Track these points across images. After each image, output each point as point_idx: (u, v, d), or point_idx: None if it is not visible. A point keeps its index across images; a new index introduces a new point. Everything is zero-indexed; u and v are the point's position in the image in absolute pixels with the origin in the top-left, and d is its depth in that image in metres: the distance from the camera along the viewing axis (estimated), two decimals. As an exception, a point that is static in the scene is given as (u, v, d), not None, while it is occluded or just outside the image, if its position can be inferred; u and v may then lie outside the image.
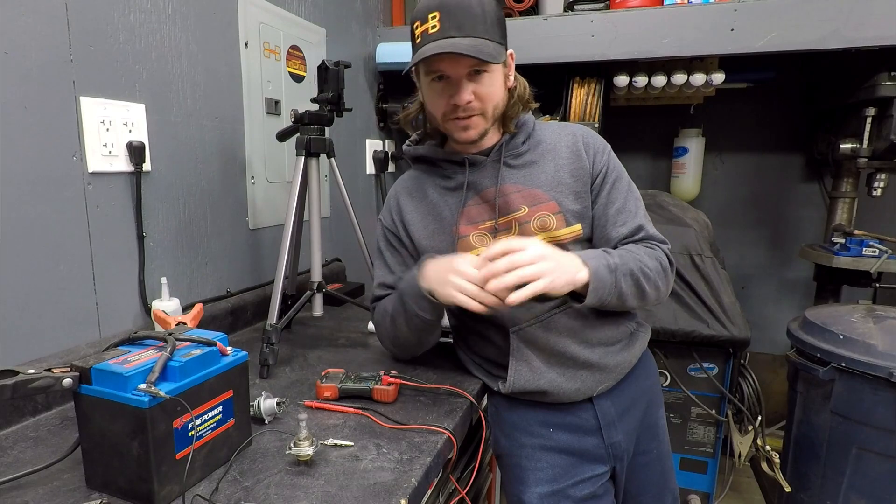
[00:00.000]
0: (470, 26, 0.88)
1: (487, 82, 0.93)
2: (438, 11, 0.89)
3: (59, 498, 0.69)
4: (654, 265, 0.96)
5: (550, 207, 0.98)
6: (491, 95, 0.95)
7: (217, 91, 1.30)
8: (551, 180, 1.00)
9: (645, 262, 0.95)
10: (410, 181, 1.10)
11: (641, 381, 1.10)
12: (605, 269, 0.90)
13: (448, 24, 0.88)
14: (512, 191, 0.99)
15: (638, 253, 0.96)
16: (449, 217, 1.02)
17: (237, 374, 0.78)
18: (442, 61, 0.91)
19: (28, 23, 0.88)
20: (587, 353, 1.00)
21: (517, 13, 2.12)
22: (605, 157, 1.03)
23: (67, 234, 0.97)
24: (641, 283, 0.93)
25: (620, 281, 0.90)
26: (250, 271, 1.47)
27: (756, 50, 1.74)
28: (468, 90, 0.92)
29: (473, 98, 0.93)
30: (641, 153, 2.70)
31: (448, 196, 1.03)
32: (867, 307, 1.77)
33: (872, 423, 1.45)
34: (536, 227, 0.98)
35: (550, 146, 1.02)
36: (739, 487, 2.33)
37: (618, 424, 1.05)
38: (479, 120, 0.96)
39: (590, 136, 1.04)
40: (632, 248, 0.97)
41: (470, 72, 0.91)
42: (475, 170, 1.01)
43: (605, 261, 0.91)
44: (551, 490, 1.02)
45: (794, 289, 2.58)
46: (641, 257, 0.95)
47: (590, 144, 1.03)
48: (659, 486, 1.14)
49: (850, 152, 1.99)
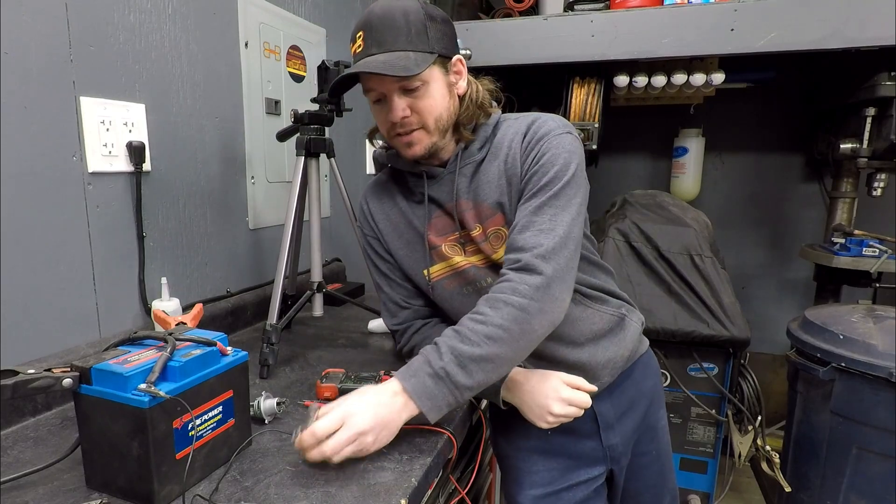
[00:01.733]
0: (391, 41, 0.85)
1: (423, 94, 0.88)
2: (363, 30, 0.87)
3: (59, 498, 0.69)
4: (506, 314, 0.80)
5: (497, 221, 0.93)
6: (429, 108, 0.88)
7: (217, 91, 1.30)
8: (495, 189, 0.92)
9: (492, 321, 0.79)
10: (379, 189, 1.06)
11: (642, 383, 1.09)
12: (431, 380, 0.78)
13: (370, 41, 0.86)
14: (465, 207, 0.94)
15: (485, 313, 0.81)
16: (419, 227, 0.99)
17: (237, 374, 0.78)
18: (369, 80, 0.88)
19: (28, 23, 0.88)
20: (576, 353, 0.98)
21: (517, 13, 2.12)
22: (540, 146, 0.89)
23: (67, 234, 0.97)
24: (489, 356, 0.79)
25: (457, 380, 0.78)
26: (250, 271, 1.47)
27: (756, 50, 1.74)
28: (400, 106, 0.87)
29: (409, 112, 0.88)
30: (641, 153, 2.70)
31: (415, 207, 1.00)
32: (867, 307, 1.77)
33: (872, 423, 1.45)
34: (493, 242, 0.94)
35: (503, 147, 0.93)
36: (739, 487, 2.33)
37: (616, 427, 1.04)
38: (421, 135, 0.90)
39: (542, 123, 0.91)
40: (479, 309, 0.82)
41: (400, 87, 0.87)
42: (434, 182, 0.97)
43: (429, 369, 0.79)
44: (545, 493, 1.02)
45: (794, 289, 2.58)
46: (489, 316, 0.80)
47: (535, 135, 0.90)
48: (657, 486, 1.14)
49: (850, 152, 1.99)
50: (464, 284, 0.98)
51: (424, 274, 0.99)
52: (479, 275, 0.96)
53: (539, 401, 0.91)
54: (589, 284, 0.99)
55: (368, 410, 0.77)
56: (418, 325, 1.06)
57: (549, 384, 0.92)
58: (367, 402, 0.78)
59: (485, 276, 0.96)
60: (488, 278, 0.95)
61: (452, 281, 0.98)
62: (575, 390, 0.91)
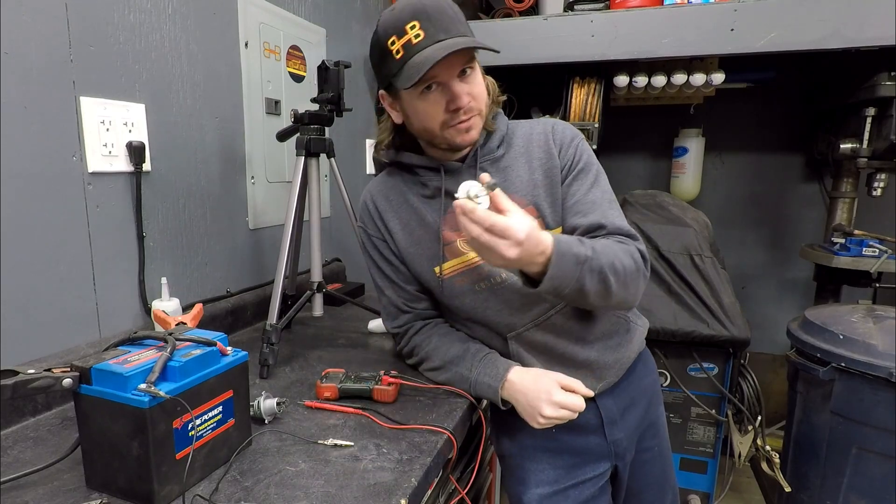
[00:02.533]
0: (454, 28, 0.86)
1: (476, 80, 0.92)
2: (418, 20, 0.85)
3: (59, 498, 0.69)
4: (629, 263, 0.88)
5: (529, 212, 0.92)
6: (482, 93, 0.93)
7: (217, 91, 1.30)
8: (527, 183, 0.96)
9: (620, 259, 0.87)
10: (386, 187, 1.05)
11: (642, 379, 1.10)
12: (572, 260, 0.81)
13: (433, 29, 0.85)
14: None
15: (614, 248, 0.88)
16: (433, 223, 0.99)
17: (237, 374, 0.78)
18: (438, 67, 0.87)
19: (28, 23, 0.88)
20: (586, 351, 0.99)
21: (517, 13, 2.12)
22: (572, 148, 0.98)
23: (67, 234, 0.97)
24: (609, 282, 0.84)
25: (585, 276, 0.82)
26: (250, 271, 1.47)
27: (756, 50, 1.74)
28: (464, 91, 0.89)
29: (469, 98, 0.90)
30: (641, 153, 2.70)
31: (428, 203, 1.00)
32: (867, 307, 1.77)
33: (872, 423, 1.45)
34: None
35: (523, 147, 0.99)
36: (739, 487, 2.33)
37: (619, 422, 1.05)
38: (478, 120, 0.93)
39: (559, 128, 1.00)
40: (606, 242, 0.90)
41: (460, 73, 0.89)
42: (451, 176, 0.97)
43: (576, 250, 0.82)
44: (552, 491, 1.02)
45: (794, 289, 2.58)
46: (618, 253, 0.87)
47: (559, 137, 0.99)
48: (660, 482, 1.15)
49: (850, 152, 1.99)
50: (477, 280, 0.98)
51: (436, 271, 0.99)
52: (494, 270, 0.96)
53: (531, 402, 0.92)
54: None
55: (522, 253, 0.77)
56: (419, 326, 1.06)
57: (543, 386, 0.92)
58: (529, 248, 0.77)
59: (499, 272, 0.96)
60: (503, 273, 0.96)
61: (466, 277, 0.99)
62: (568, 394, 0.91)
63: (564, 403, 0.90)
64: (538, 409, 0.91)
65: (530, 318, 0.97)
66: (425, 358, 1.04)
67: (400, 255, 1.04)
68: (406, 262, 1.03)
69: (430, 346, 1.03)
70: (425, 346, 1.04)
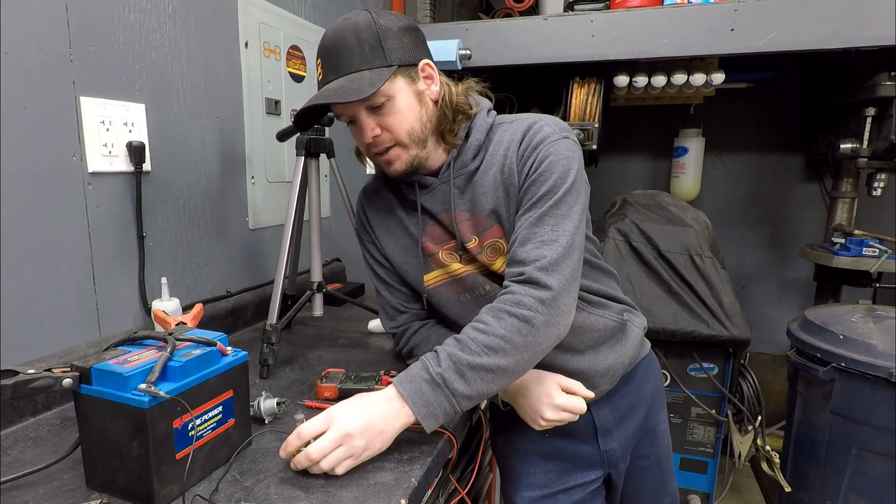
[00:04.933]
0: (346, 64, 0.83)
1: (390, 110, 0.85)
2: (321, 58, 0.86)
3: (59, 498, 0.69)
4: (509, 325, 0.77)
5: (495, 232, 0.91)
6: (398, 123, 0.86)
7: (217, 91, 1.30)
8: (492, 200, 0.90)
9: (495, 331, 0.77)
10: (375, 194, 1.05)
11: (643, 387, 1.08)
12: (427, 386, 0.76)
13: (327, 68, 0.85)
14: (461, 219, 0.92)
15: (487, 322, 0.79)
16: (416, 234, 0.98)
17: (237, 374, 0.78)
18: (336, 107, 0.88)
19: (28, 23, 0.88)
20: (576, 361, 0.96)
21: (517, 13, 2.12)
22: (537, 153, 0.86)
23: (67, 234, 0.97)
24: (490, 366, 0.76)
25: (455, 387, 0.75)
26: (250, 271, 1.47)
27: (756, 50, 1.74)
28: (369, 126, 0.86)
29: (380, 131, 0.87)
30: (641, 153, 2.70)
31: (411, 214, 0.99)
32: (867, 307, 1.78)
33: (872, 423, 1.45)
34: (489, 255, 0.92)
35: (498, 155, 0.90)
36: (739, 487, 2.33)
37: (614, 431, 1.04)
38: (398, 151, 0.88)
39: (536, 129, 0.88)
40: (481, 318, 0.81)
41: (366, 107, 0.85)
42: (426, 192, 0.95)
43: (426, 375, 0.77)
44: (541, 495, 1.02)
45: (794, 289, 2.58)
46: (491, 326, 0.78)
47: (531, 141, 0.87)
48: (657, 489, 1.14)
49: (850, 152, 1.99)
50: (462, 291, 0.97)
51: (422, 280, 0.99)
52: (477, 281, 0.95)
53: (532, 404, 0.91)
54: (590, 290, 0.97)
55: (359, 413, 0.75)
56: (416, 327, 1.06)
57: (544, 388, 0.91)
58: (359, 405, 0.76)
59: (483, 283, 0.94)
60: (486, 285, 0.94)
61: (450, 288, 0.98)
62: (570, 396, 0.91)
63: (566, 406, 0.89)
64: (539, 412, 0.90)
65: None
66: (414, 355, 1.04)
67: (390, 261, 1.04)
68: (395, 267, 1.03)
69: (428, 348, 1.03)
70: (424, 346, 1.04)
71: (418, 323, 1.06)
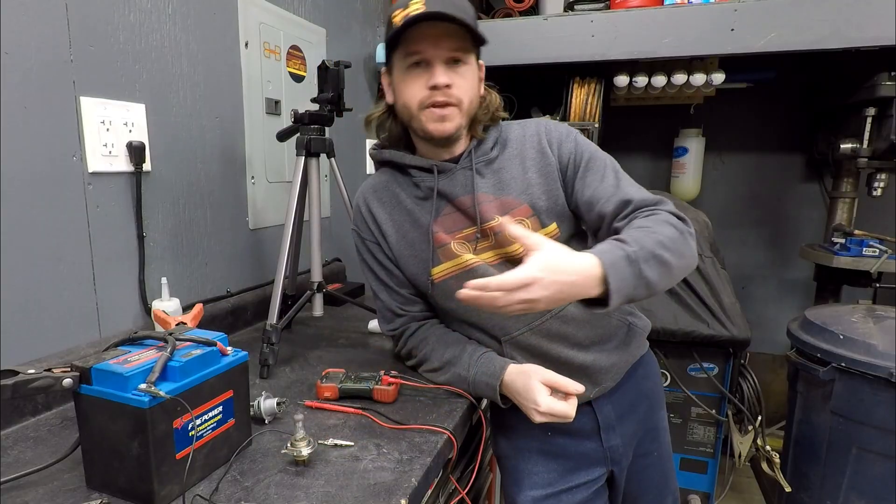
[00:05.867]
0: (459, 7, 0.86)
1: (465, 74, 0.91)
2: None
3: (59, 498, 0.69)
4: (670, 232, 0.84)
5: (523, 211, 0.95)
6: (467, 87, 0.92)
7: (217, 91, 1.30)
8: (521, 184, 0.96)
9: (661, 232, 0.82)
10: (379, 187, 1.04)
11: (642, 384, 1.09)
12: (623, 263, 0.78)
13: (434, 2, 0.84)
14: (484, 200, 0.95)
15: (649, 226, 0.84)
16: (426, 224, 0.98)
17: (237, 374, 0.78)
18: (423, 41, 0.87)
19: (28, 23, 0.88)
20: (582, 356, 0.98)
21: (517, 13, 2.12)
22: (570, 144, 0.97)
23: (67, 234, 0.97)
24: (666, 260, 0.80)
25: (643, 270, 0.78)
26: (250, 271, 1.47)
27: (756, 50, 1.74)
28: (447, 73, 0.89)
29: (452, 84, 0.89)
30: (641, 153, 2.70)
31: (421, 204, 0.99)
32: (867, 307, 1.78)
33: (872, 423, 1.45)
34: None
35: (517, 149, 0.99)
36: (739, 487, 2.33)
37: (617, 428, 1.04)
38: (455, 112, 0.91)
39: (552, 127, 0.99)
40: (640, 224, 0.85)
41: (449, 59, 0.89)
42: (444, 177, 0.97)
43: (622, 252, 0.79)
44: (545, 494, 1.02)
45: (794, 289, 2.58)
46: (656, 228, 0.83)
47: (553, 136, 0.98)
48: (659, 487, 1.14)
49: (850, 152, 1.99)
50: None
51: (429, 273, 0.99)
52: (488, 273, 0.95)
53: (523, 405, 0.91)
54: None
55: (554, 287, 0.75)
56: (414, 328, 1.06)
57: (529, 396, 0.87)
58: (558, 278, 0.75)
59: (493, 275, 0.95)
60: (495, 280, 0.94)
61: (459, 281, 0.97)
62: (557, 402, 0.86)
63: (553, 411, 0.85)
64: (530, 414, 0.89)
65: (524, 323, 0.96)
66: (424, 360, 1.04)
67: (393, 258, 1.03)
68: (399, 264, 1.03)
69: (427, 348, 1.03)
70: (422, 347, 1.04)
71: (416, 324, 1.06)
